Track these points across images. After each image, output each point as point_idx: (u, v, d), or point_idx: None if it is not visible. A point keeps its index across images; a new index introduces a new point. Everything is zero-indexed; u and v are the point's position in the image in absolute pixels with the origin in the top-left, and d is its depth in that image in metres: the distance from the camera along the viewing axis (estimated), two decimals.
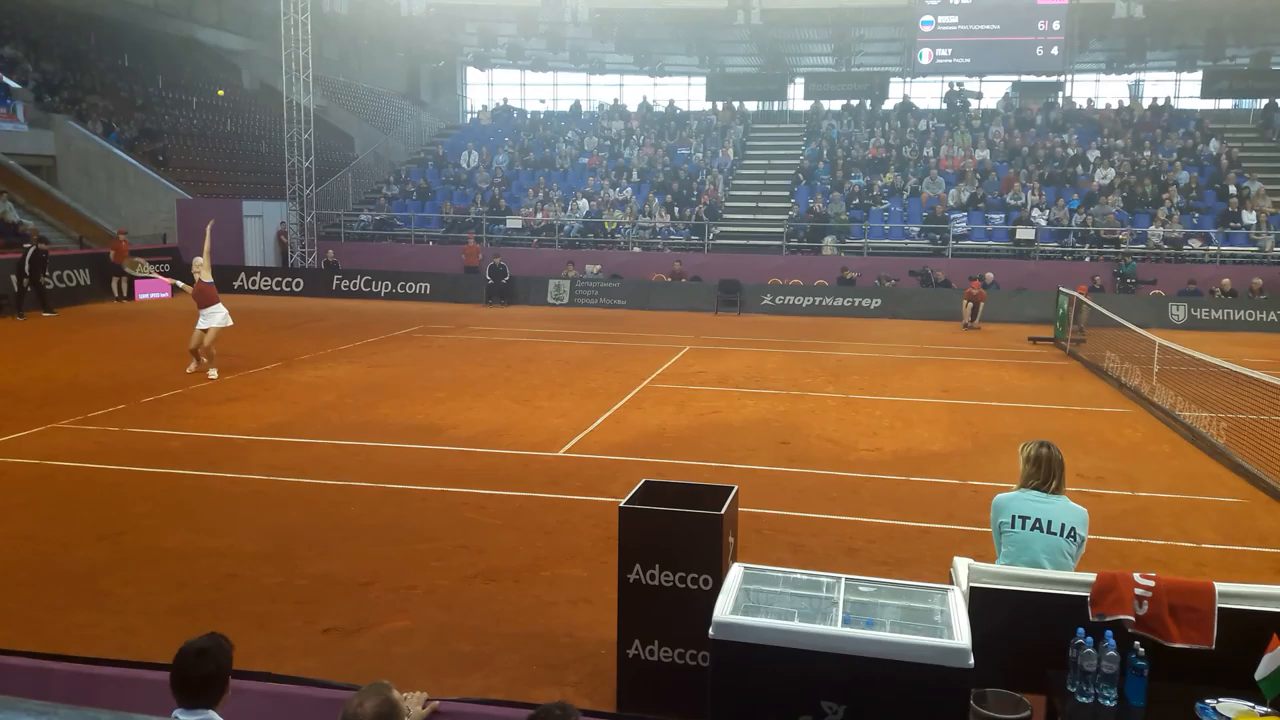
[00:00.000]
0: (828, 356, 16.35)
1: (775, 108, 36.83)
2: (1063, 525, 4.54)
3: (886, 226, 25.62)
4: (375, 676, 2.96)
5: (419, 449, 9.65)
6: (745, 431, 10.62)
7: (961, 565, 4.32)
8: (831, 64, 37.67)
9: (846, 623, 3.84)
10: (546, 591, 6.15)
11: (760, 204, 27.91)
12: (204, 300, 13.22)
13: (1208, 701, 3.72)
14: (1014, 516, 4.61)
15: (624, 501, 4.85)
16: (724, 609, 3.80)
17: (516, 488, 8.38)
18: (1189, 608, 4.03)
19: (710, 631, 3.69)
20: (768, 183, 29.02)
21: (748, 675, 3.73)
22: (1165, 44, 34.09)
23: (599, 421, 10.93)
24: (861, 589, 4.13)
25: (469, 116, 39.11)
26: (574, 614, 5.77)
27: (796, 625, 3.75)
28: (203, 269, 13.47)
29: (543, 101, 40.06)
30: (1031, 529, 4.56)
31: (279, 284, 25.31)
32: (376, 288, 24.92)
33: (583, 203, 27.90)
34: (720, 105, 34.08)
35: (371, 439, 9.96)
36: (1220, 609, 3.98)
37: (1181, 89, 35.98)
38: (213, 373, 13.10)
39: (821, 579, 4.20)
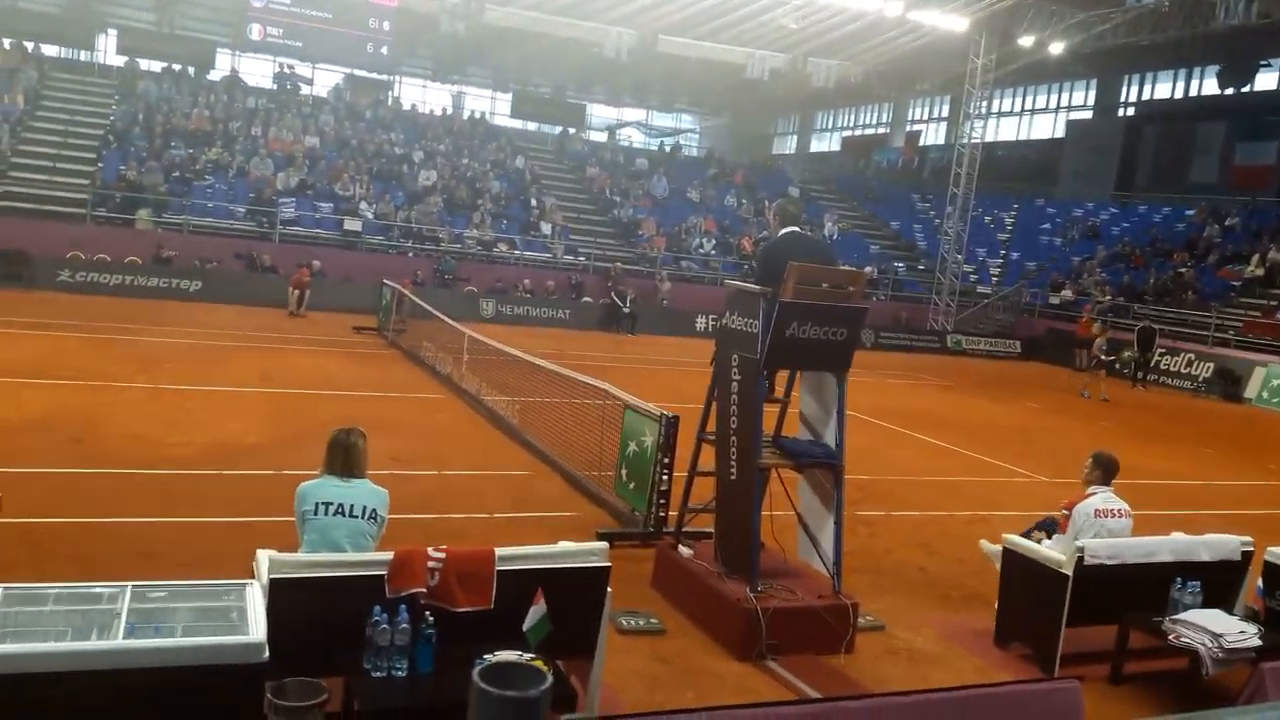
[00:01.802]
0: (138, 342, 14.81)
1: (81, 57, 32.40)
2: (364, 508, 4.70)
3: (210, 204, 24.09)
4: None
5: None
6: (26, 430, 9.06)
7: (264, 558, 4.22)
8: (152, 21, 34.39)
9: (130, 634, 3.51)
10: None
11: (58, 164, 24.16)
12: None
13: (485, 656, 4.14)
14: (317, 504, 4.66)
15: None
16: None
17: None
18: (473, 574, 4.43)
19: None
20: (69, 140, 25.27)
21: None
22: (482, 62, 37.89)
23: None
24: (151, 595, 3.81)
25: None
26: None
27: (52, 645, 3.36)
28: None
29: None
30: (334, 514, 4.64)
31: None
32: None
33: None
34: (8, 43, 28.82)
35: None
36: (499, 571, 4.47)
37: (496, 106, 40.26)
38: None
39: (101, 590, 3.79)
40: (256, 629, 3.59)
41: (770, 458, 6.19)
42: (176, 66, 30.89)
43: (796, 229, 6.53)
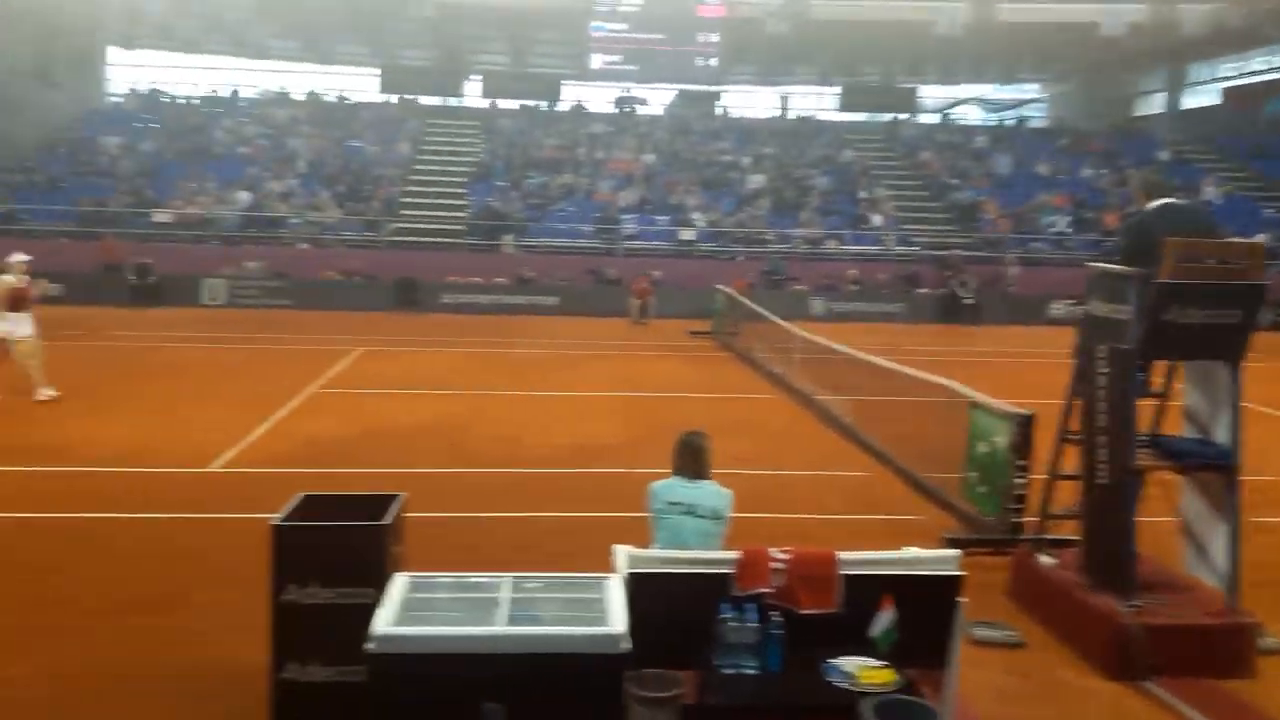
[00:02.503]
0: (506, 354, 16.44)
1: (452, 103, 36.62)
2: (709, 508, 4.86)
3: (562, 226, 26.22)
4: None
5: (40, 472, 8.46)
6: (420, 434, 10.38)
7: (621, 553, 4.45)
8: (508, 63, 37.97)
9: (512, 621, 3.84)
10: (194, 621, 5.62)
11: (438, 200, 27.53)
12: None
13: (832, 661, 4.11)
14: (666, 503, 4.88)
15: (279, 518, 4.55)
16: (383, 621, 3.68)
17: (160, 509, 7.58)
18: (816, 576, 4.41)
19: (368, 645, 3.56)
20: (445, 179, 28.70)
21: (407, 686, 3.62)
22: (809, 60, 37.78)
23: (258, 433, 10.18)
24: (528, 585, 4.12)
25: (111, 100, 35.01)
26: (225, 642, 5.31)
27: (450, 629, 3.70)
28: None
29: (195, 85, 36.52)
30: (683, 514, 4.83)
31: None
32: None
33: (243, 194, 26.00)
34: (396, 98, 33.24)
35: None
36: (842, 575, 4.40)
37: (822, 102, 39.93)
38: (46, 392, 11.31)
39: (487, 580, 4.15)
40: (617, 620, 3.80)
41: (1147, 459, 5.57)
42: (531, 102, 33.92)
43: (1172, 200, 5.84)
